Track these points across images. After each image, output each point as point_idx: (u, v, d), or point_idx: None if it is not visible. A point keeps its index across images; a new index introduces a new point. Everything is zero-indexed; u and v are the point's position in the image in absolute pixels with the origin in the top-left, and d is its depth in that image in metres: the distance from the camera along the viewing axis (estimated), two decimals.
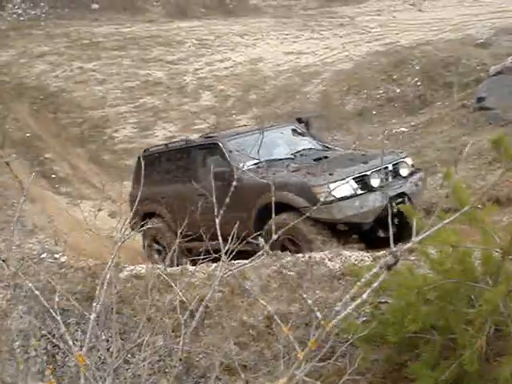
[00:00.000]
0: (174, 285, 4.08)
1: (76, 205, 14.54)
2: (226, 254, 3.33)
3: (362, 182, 7.86)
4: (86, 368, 2.91)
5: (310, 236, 7.56)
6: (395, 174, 8.33)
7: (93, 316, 3.13)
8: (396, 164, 8.38)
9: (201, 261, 4.99)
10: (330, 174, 7.83)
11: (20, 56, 22.28)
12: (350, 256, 5.97)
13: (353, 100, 18.64)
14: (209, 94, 19.76)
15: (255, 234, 4.00)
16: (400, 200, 7.87)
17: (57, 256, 12.61)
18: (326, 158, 8.78)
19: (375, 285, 2.52)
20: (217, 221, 3.44)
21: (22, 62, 21.81)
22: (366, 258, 6.03)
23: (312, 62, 21.71)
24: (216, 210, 3.64)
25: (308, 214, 5.88)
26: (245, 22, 26.20)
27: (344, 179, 7.73)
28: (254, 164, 8.51)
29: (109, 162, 16.53)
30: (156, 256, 10.28)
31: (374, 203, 7.71)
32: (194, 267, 6.15)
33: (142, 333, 4.18)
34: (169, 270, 6.67)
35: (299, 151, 9.26)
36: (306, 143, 9.66)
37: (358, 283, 2.57)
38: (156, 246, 10.32)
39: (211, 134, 10.11)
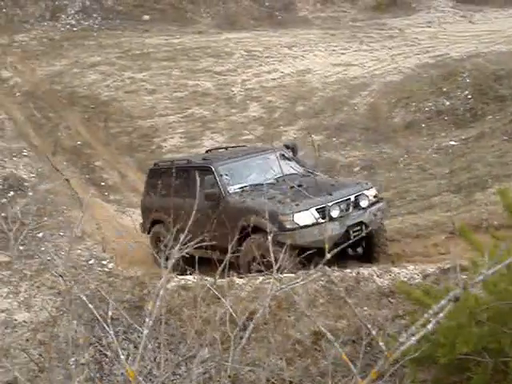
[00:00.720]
0: (223, 299, 4.08)
1: (124, 212, 14.79)
2: (270, 269, 3.32)
3: (323, 212, 8.98)
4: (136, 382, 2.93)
5: (277, 256, 7.85)
6: (356, 204, 9.47)
7: (145, 332, 3.15)
8: (358, 196, 9.54)
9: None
10: (297, 205, 9.01)
11: (73, 66, 22.77)
12: (399, 273, 5.90)
13: (401, 113, 18.43)
14: (256, 105, 19.83)
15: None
16: (357, 228, 9.11)
17: (104, 263, 12.83)
18: (300, 186, 9.71)
19: (441, 315, 2.46)
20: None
21: (75, 71, 22.29)
22: (416, 276, 5.94)
23: (360, 73, 21.60)
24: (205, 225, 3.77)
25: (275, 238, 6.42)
26: (293, 34, 26.24)
27: (307, 209, 8.97)
28: (240, 188, 10.03)
29: None
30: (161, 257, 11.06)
31: (331, 231, 8.74)
32: (241, 280, 6.19)
33: (190, 345, 4.20)
34: (208, 281, 6.72)
35: (281, 176, 10.15)
36: (289, 168, 10.67)
37: (425, 315, 2.52)
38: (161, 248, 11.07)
39: (207, 157, 11.30)
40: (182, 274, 9.47)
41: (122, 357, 3.02)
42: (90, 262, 12.54)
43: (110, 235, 14.04)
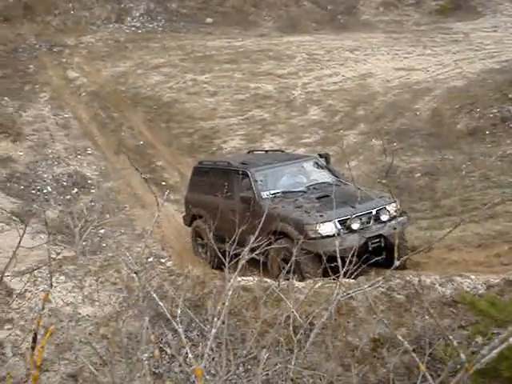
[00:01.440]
0: (288, 302, 4.11)
1: (182, 212, 15.00)
2: (344, 275, 3.33)
3: (345, 224, 9.63)
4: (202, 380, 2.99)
5: (301, 260, 8.94)
6: (376, 218, 10.06)
7: (213, 331, 3.21)
8: (379, 210, 10.13)
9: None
10: (321, 216, 9.71)
11: (137, 67, 23.25)
12: (462, 282, 5.79)
13: (465, 119, 18.06)
14: (317, 109, 19.79)
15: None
16: (377, 240, 9.65)
17: (163, 260, 13.06)
18: (327, 196, 10.39)
19: None
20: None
21: (139, 72, 22.75)
22: (479, 286, 5.82)
23: (423, 78, 21.28)
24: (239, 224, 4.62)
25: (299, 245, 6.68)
26: (356, 37, 26.07)
27: (330, 221, 9.56)
28: (273, 194, 10.75)
29: None
30: (200, 249, 12.74)
31: (351, 243, 9.02)
32: (301, 283, 6.21)
33: (251, 347, 4.24)
34: (272, 284, 6.73)
35: (312, 185, 11.16)
36: (321, 177, 11.57)
37: (510, 328, 2.47)
38: (199, 241, 12.72)
39: (245, 161, 12.01)
40: (216, 268, 11.26)
41: (190, 355, 3.08)
42: (149, 260, 12.79)
43: (169, 234, 14.29)
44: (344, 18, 28.95)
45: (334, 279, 4.09)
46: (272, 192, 10.84)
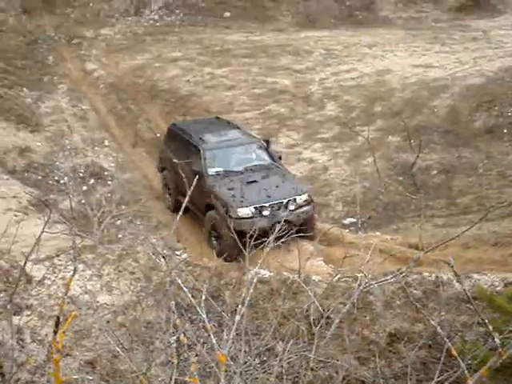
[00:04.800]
0: (311, 293, 4.13)
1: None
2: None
3: (259, 209, 12.49)
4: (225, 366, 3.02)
5: (222, 232, 12.48)
6: (286, 206, 12.65)
7: (237, 318, 3.25)
8: (289, 200, 12.72)
9: None
10: (241, 201, 12.55)
11: (154, 60, 23.29)
12: (479, 279, 5.78)
13: (483, 117, 17.97)
14: (334, 104, 19.76)
15: None
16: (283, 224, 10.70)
17: (178, 253, 13.13)
18: (255, 182, 13.17)
19: None
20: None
21: (156, 65, 22.80)
22: (496, 283, 5.82)
23: (441, 75, 21.16)
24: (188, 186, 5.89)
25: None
26: (374, 33, 25.96)
27: (247, 207, 12.48)
28: (216, 172, 13.47)
29: None
30: (167, 195, 15.31)
31: (261, 225, 11.52)
32: (317, 276, 6.23)
33: (269, 338, 4.27)
34: (291, 276, 6.77)
35: (251, 166, 13.77)
36: (261, 159, 14.09)
37: None
38: (166, 190, 15.31)
39: (202, 137, 14.24)
40: (173, 211, 14.49)
41: (213, 341, 3.12)
42: (165, 252, 12.86)
43: (183, 226, 14.35)
44: (362, 14, 28.82)
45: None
46: (216, 170, 13.52)
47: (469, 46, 24.18)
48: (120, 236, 13.35)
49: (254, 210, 12.42)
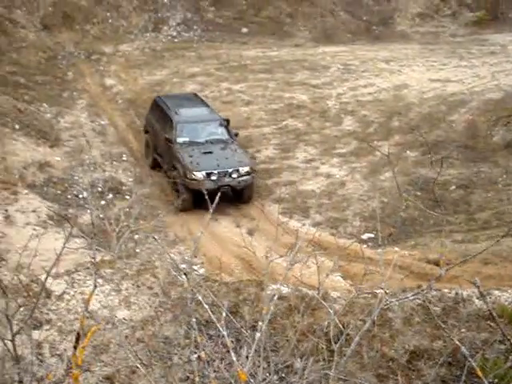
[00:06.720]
0: (330, 309, 4.12)
1: (216, 220, 15.09)
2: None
3: (209, 175, 15.69)
4: None
5: (180, 189, 15.85)
6: (230, 174, 15.81)
7: (258, 335, 3.24)
8: (233, 170, 15.84)
9: None
10: (196, 166, 15.82)
11: (173, 75, 23.48)
12: (499, 296, 5.73)
13: (501, 131, 17.90)
14: (351, 119, 19.77)
15: None
16: (226, 187, 15.41)
17: (195, 267, 13.14)
18: (210, 152, 16.42)
19: None
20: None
21: (175, 81, 22.98)
22: None
23: (459, 90, 21.13)
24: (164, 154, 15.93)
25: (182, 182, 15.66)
26: (391, 48, 25.99)
27: (200, 171, 15.70)
28: (183, 141, 16.65)
29: None
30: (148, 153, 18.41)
31: (209, 186, 14.91)
32: (336, 293, 6.21)
33: (287, 354, 4.26)
34: (310, 292, 6.75)
35: (211, 139, 16.91)
36: (220, 135, 17.11)
37: None
38: (148, 148, 18.37)
39: (178, 112, 17.39)
40: (152, 168, 17.88)
41: (234, 358, 3.12)
42: (182, 266, 12.88)
43: (201, 241, 14.35)
44: (379, 29, 28.87)
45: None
46: (183, 140, 16.67)
47: (487, 60, 24.14)
48: (138, 250, 13.40)
49: (204, 174, 15.66)
